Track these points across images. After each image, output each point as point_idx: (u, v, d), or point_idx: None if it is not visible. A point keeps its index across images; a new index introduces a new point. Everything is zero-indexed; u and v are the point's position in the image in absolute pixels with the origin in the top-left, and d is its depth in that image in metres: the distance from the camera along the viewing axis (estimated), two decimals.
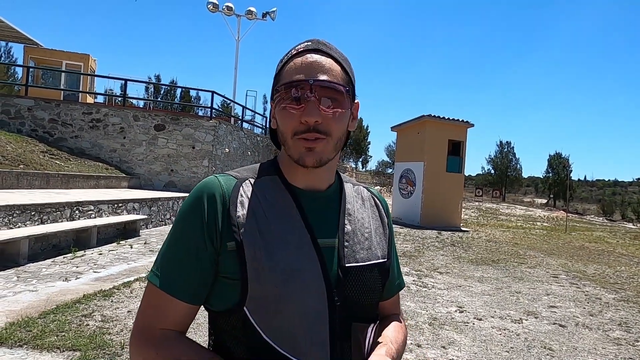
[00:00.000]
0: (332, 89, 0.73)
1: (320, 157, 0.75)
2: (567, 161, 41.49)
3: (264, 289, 0.70)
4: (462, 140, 15.47)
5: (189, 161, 12.92)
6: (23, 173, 8.51)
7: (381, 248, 0.84)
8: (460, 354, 3.52)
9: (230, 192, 0.75)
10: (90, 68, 16.26)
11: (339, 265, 0.76)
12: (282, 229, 0.74)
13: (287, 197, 0.78)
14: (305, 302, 0.72)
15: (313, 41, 0.78)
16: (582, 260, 9.58)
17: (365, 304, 0.78)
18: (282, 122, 0.76)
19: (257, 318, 0.70)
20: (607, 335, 4.30)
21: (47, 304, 3.94)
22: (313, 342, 0.72)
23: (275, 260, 0.71)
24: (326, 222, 0.79)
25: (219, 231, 0.73)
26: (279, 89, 0.76)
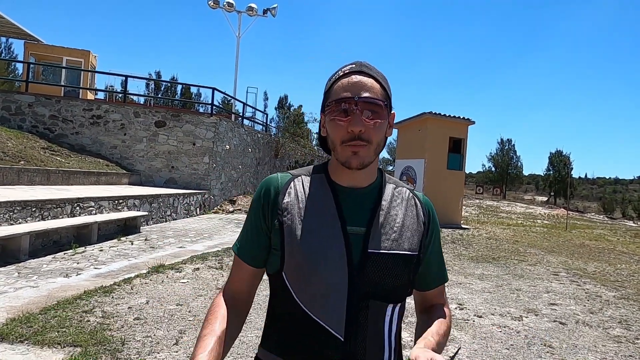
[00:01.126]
0: (373, 103, 0.89)
1: (363, 160, 0.90)
2: (567, 159, 41.42)
3: (296, 261, 0.89)
4: (462, 138, 15.45)
5: (189, 158, 12.91)
6: (24, 169, 8.51)
7: (409, 242, 0.94)
8: (461, 351, 3.52)
9: (283, 184, 0.95)
10: (90, 64, 16.23)
11: (363, 249, 0.89)
12: (318, 215, 0.91)
13: (327, 192, 0.94)
14: (328, 276, 0.87)
15: (357, 64, 0.94)
16: (582, 257, 9.57)
17: (386, 286, 0.90)
18: (332, 131, 0.92)
19: (291, 282, 0.90)
20: (608, 333, 4.31)
21: (48, 300, 3.95)
22: (332, 309, 0.87)
23: (306, 240, 0.89)
24: (358, 213, 0.92)
25: (270, 213, 0.94)
26: (330, 104, 0.91)
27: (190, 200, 11.59)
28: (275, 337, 0.94)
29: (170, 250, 6.82)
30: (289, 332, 0.91)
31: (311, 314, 0.87)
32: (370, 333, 0.89)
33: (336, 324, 0.87)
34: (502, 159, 53.72)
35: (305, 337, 0.88)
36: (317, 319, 0.87)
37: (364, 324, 0.88)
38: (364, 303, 0.88)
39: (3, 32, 15.32)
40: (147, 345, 3.14)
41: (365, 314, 0.88)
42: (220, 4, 17.89)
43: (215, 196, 13.49)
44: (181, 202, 10.99)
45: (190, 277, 5.19)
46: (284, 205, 0.92)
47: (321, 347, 0.87)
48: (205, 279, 5.16)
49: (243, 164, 15.84)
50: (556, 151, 52.01)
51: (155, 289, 4.61)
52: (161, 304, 4.10)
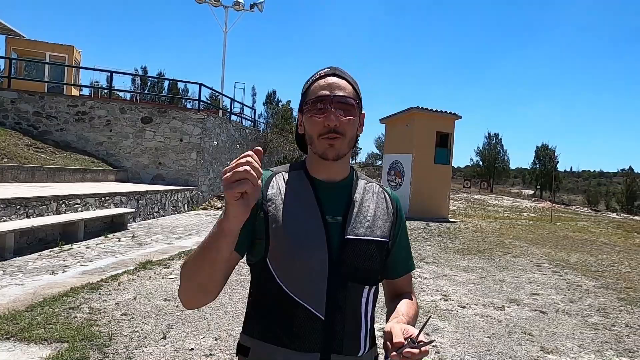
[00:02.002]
0: (346, 102, 0.98)
1: (338, 152, 0.99)
2: (553, 153, 42.04)
3: (279, 247, 0.95)
4: (449, 132, 15.60)
5: (177, 154, 12.84)
6: (7, 167, 8.39)
7: (381, 230, 1.03)
8: (443, 340, 3.61)
9: (266, 179, 1.01)
10: (75, 60, 15.98)
11: (340, 236, 0.97)
12: (299, 206, 0.99)
13: (307, 185, 1.02)
14: (310, 260, 0.94)
15: (331, 68, 1.05)
16: (565, 249, 9.79)
17: (361, 269, 0.98)
18: (309, 127, 1.00)
19: (275, 267, 0.96)
20: (586, 321, 4.45)
21: (34, 297, 3.94)
22: (313, 291, 0.94)
23: (288, 227, 0.95)
24: (335, 204, 1.01)
25: (257, 203, 0.95)
26: (308, 103, 1.00)
27: (178, 196, 11.55)
28: (258, 322, 0.99)
29: (158, 247, 6.81)
30: (272, 315, 0.97)
31: (294, 295, 0.94)
32: (348, 312, 0.97)
33: (317, 304, 0.94)
34: (489, 153, 54.28)
35: (288, 318, 0.94)
36: (299, 300, 0.94)
37: (343, 304, 0.96)
38: (343, 284, 0.96)
39: None
40: (135, 339, 3.16)
41: (343, 295, 0.96)
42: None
43: (204, 192, 13.45)
44: (169, 199, 10.95)
45: (178, 273, 5.20)
46: (268, 197, 0.98)
47: (304, 327, 0.93)
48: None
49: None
50: (542, 145, 52.72)
51: (143, 285, 4.62)
52: (149, 300, 4.12)
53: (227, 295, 4.37)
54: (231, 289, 4.59)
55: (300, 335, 0.93)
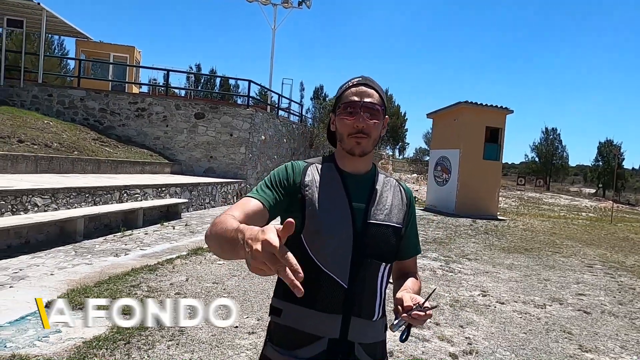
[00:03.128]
0: (373, 107, 1.16)
1: (364, 149, 1.16)
2: (618, 149, 39.20)
3: (313, 226, 1.12)
4: (500, 127, 15.10)
5: (227, 148, 13.43)
6: (77, 159, 9.24)
7: (397, 217, 1.21)
8: (477, 333, 3.67)
9: (302, 168, 1.20)
10: (135, 59, 17.08)
11: (363, 220, 1.15)
12: (330, 193, 1.16)
13: (336, 176, 1.19)
14: (337, 239, 1.12)
15: (363, 77, 1.21)
16: (623, 251, 9.27)
17: (380, 249, 1.16)
18: (340, 127, 1.18)
19: (308, 243, 1.12)
20: (633, 323, 4.30)
21: (101, 275, 4.42)
22: (339, 264, 1.12)
23: (322, 210, 1.13)
24: (360, 193, 1.18)
25: (295, 187, 1.16)
26: (340, 106, 1.18)
27: (228, 188, 12.11)
28: (288, 288, 1.14)
29: None
30: (302, 282, 1.10)
31: (322, 266, 1.11)
32: (367, 283, 1.14)
33: (342, 275, 1.11)
34: (546, 148, 51.53)
35: (316, 285, 1.10)
36: (327, 271, 1.11)
37: (362, 276, 1.13)
38: (363, 260, 1.13)
39: (56, 31, 16.36)
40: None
41: (364, 268, 1.13)
42: None
43: (252, 185, 13.98)
44: (219, 191, 11.52)
45: (226, 260, 5.57)
46: (305, 183, 1.16)
47: (329, 292, 1.11)
48: (239, 262, 5.51)
49: (278, 154, 16.25)
50: (606, 140, 49.23)
51: (194, 268, 5.02)
52: (199, 282, 4.49)
53: (271, 281, 4.66)
54: (274, 276, 4.86)
55: (325, 299, 1.10)
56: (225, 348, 2.98)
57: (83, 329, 3.08)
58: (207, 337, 3.14)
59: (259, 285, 4.54)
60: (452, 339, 3.48)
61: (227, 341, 3.10)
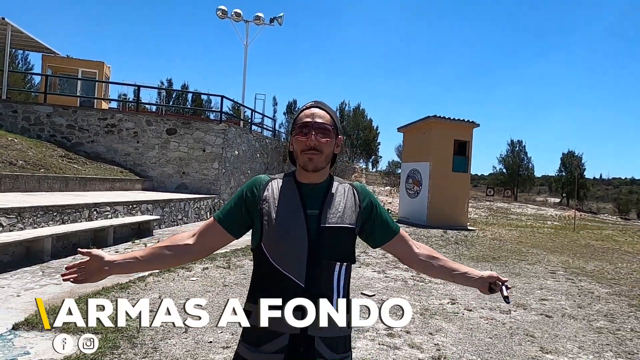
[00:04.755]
0: (323, 127, 1.30)
1: (316, 165, 1.29)
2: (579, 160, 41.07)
3: (271, 235, 1.27)
4: (467, 140, 15.64)
5: (199, 164, 13.36)
6: (44, 177, 9.00)
7: (350, 219, 1.33)
8: (445, 339, 3.81)
9: (264, 183, 1.35)
10: (105, 75, 16.84)
11: (317, 225, 1.28)
12: (287, 203, 1.29)
13: (293, 187, 1.32)
14: (294, 244, 1.26)
15: (315, 102, 1.37)
16: (584, 257, 9.72)
17: (334, 250, 1.29)
18: (296, 145, 1.32)
19: (268, 250, 1.28)
20: (591, 325, 4.55)
21: (71, 295, 4.34)
22: (296, 266, 1.25)
23: (278, 220, 1.27)
24: (314, 201, 1.31)
25: (255, 202, 1.32)
26: (295, 127, 1.33)
27: (201, 204, 12.02)
28: (258, 291, 1.30)
29: None
30: (267, 284, 1.28)
31: (282, 270, 1.25)
32: (323, 282, 1.27)
33: (299, 276, 1.25)
34: (512, 160, 53.41)
35: (278, 285, 1.25)
36: (286, 273, 1.25)
37: (318, 275, 1.26)
38: (318, 261, 1.26)
39: (22, 46, 15.99)
40: (160, 333, 3.50)
41: (319, 269, 1.26)
42: (228, 14, 18.41)
43: (225, 201, 13.90)
44: (192, 207, 11.42)
45: (200, 276, 5.56)
46: (263, 197, 1.31)
47: (289, 291, 1.23)
48: (213, 277, 5.52)
49: (252, 169, 16.26)
50: (568, 152, 51.52)
51: (167, 285, 4.98)
52: (172, 299, 4.46)
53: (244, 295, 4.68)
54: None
55: (287, 296, 1.21)
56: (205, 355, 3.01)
57: (52, 351, 3.03)
58: (181, 353, 3.15)
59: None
60: (421, 346, 3.61)
61: (201, 356, 3.12)
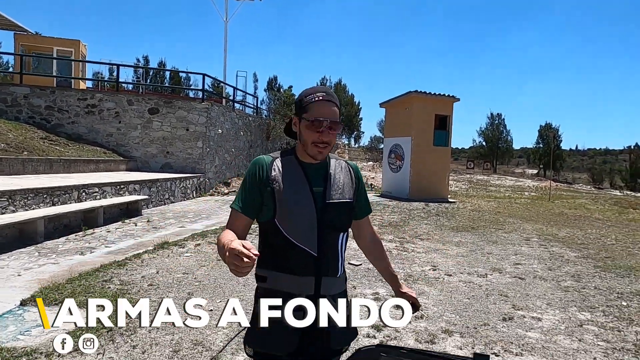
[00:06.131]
0: (335, 124, 1.42)
1: (324, 156, 1.45)
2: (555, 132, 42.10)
3: (284, 212, 1.40)
4: (448, 115, 15.94)
5: (183, 143, 13.35)
6: (28, 159, 8.95)
7: (349, 194, 1.50)
8: (427, 301, 4.15)
9: (269, 163, 1.45)
10: (81, 54, 16.41)
11: (323, 201, 1.43)
12: (295, 182, 1.42)
13: (298, 167, 1.45)
14: (304, 218, 1.41)
15: (327, 93, 1.45)
16: (557, 225, 10.25)
17: (338, 221, 1.47)
18: (306, 135, 1.42)
19: (281, 224, 1.41)
20: (559, 285, 4.96)
21: (70, 273, 4.50)
22: (308, 238, 1.41)
23: (289, 198, 1.40)
24: (318, 179, 1.46)
25: (264, 182, 1.42)
26: (309, 120, 1.41)
27: (187, 183, 12.10)
28: (270, 259, 1.44)
29: (172, 230, 7.38)
30: (280, 254, 1.43)
31: (296, 242, 1.40)
32: (331, 249, 1.45)
33: (311, 246, 1.41)
34: (492, 133, 54.33)
35: (292, 256, 1.41)
36: (300, 245, 1.40)
37: (327, 245, 1.43)
38: (327, 232, 1.43)
39: None
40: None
41: (327, 239, 1.43)
42: None
43: (210, 179, 13.99)
44: (178, 186, 11.50)
45: (193, 252, 5.77)
46: (272, 177, 1.42)
47: (303, 261, 1.40)
48: (206, 253, 5.74)
49: (236, 147, 16.29)
50: (545, 124, 52.64)
51: (163, 262, 5.18)
52: (169, 273, 4.68)
53: None
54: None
55: (301, 266, 1.39)
56: (203, 329, 3.25)
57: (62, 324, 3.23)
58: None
59: (228, 273, 4.79)
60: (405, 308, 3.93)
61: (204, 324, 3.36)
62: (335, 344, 1.44)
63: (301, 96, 1.47)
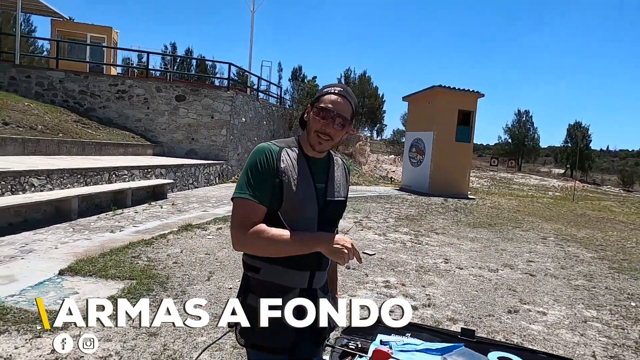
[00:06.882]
0: (343, 118, 1.41)
1: (324, 148, 1.43)
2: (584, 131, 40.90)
3: (289, 205, 1.38)
4: (472, 110, 15.82)
5: (208, 130, 13.71)
6: (62, 141, 9.43)
7: (344, 192, 1.55)
8: (436, 291, 4.31)
9: (277, 153, 1.41)
10: (113, 40, 16.94)
11: (324, 198, 1.46)
12: (300, 176, 1.40)
13: (304, 161, 1.43)
14: (307, 213, 1.41)
15: (344, 89, 1.45)
16: (577, 225, 10.16)
17: (335, 217, 1.52)
18: (313, 123, 1.41)
19: (284, 216, 1.39)
20: (569, 283, 5.03)
21: (102, 248, 4.85)
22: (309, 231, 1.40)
23: (295, 192, 1.38)
24: (320, 175, 1.47)
25: (274, 173, 1.38)
26: (318, 107, 1.41)
27: (210, 170, 12.47)
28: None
29: (195, 213, 7.71)
30: None
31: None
32: None
33: None
34: (518, 130, 53.21)
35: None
36: None
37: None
38: (324, 228, 1.43)
39: (31, 10, 16.06)
40: (186, 280, 4.01)
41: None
42: None
43: (233, 167, 14.35)
44: (202, 172, 11.88)
45: (215, 234, 6.06)
46: (282, 169, 1.38)
47: (302, 255, 1.38)
48: (227, 236, 6.02)
49: (258, 136, 16.59)
50: (575, 123, 51.21)
51: (187, 242, 5.49)
52: (193, 253, 4.98)
53: None
54: None
55: (299, 260, 1.38)
56: (223, 304, 3.51)
57: (98, 291, 3.55)
58: (206, 296, 3.65)
59: None
60: (414, 296, 4.11)
61: (224, 299, 3.62)
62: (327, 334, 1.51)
63: (320, 89, 1.50)
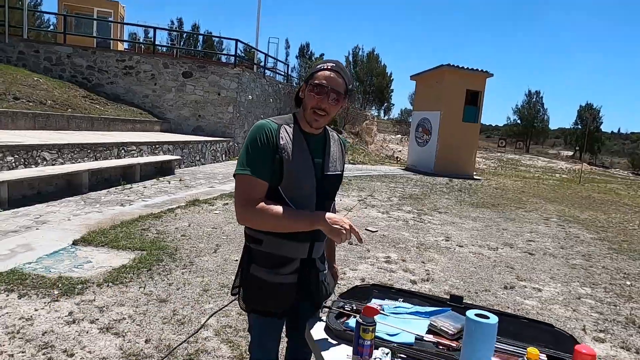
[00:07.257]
0: (337, 92, 1.43)
1: (321, 124, 1.46)
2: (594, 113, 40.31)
3: (289, 180, 1.43)
4: (480, 90, 15.66)
5: (215, 107, 13.75)
6: (72, 116, 9.56)
7: (340, 166, 1.61)
8: (435, 267, 4.44)
9: (276, 130, 1.44)
10: (119, 15, 16.84)
11: (322, 172, 1.52)
12: (299, 152, 1.44)
13: (301, 137, 1.47)
14: (307, 188, 1.47)
15: (336, 65, 1.46)
16: (581, 207, 10.20)
17: (332, 191, 1.60)
18: (308, 100, 1.43)
19: (285, 192, 1.44)
20: (567, 262, 5.14)
21: (113, 221, 5.01)
22: (308, 206, 1.47)
23: (294, 168, 1.42)
24: (318, 150, 1.52)
25: (274, 149, 1.41)
26: (312, 84, 1.42)
27: (217, 147, 12.58)
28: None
29: (202, 189, 7.86)
30: None
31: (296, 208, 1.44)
32: None
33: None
34: (528, 111, 52.59)
35: None
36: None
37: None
38: (322, 202, 1.51)
39: None
40: (194, 252, 4.16)
41: (323, 207, 1.51)
42: None
43: (239, 144, 14.44)
44: (209, 149, 11.99)
45: (221, 210, 6.21)
46: (281, 146, 1.41)
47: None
48: (233, 212, 6.13)
49: (265, 113, 16.61)
50: (586, 104, 50.46)
51: (194, 216, 5.64)
52: (200, 227, 5.13)
53: None
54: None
55: (299, 232, 1.43)
56: (229, 274, 3.67)
57: (110, 260, 3.71)
58: (213, 267, 3.81)
59: None
60: (414, 271, 4.24)
61: (230, 270, 3.78)
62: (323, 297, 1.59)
63: (313, 66, 1.53)
